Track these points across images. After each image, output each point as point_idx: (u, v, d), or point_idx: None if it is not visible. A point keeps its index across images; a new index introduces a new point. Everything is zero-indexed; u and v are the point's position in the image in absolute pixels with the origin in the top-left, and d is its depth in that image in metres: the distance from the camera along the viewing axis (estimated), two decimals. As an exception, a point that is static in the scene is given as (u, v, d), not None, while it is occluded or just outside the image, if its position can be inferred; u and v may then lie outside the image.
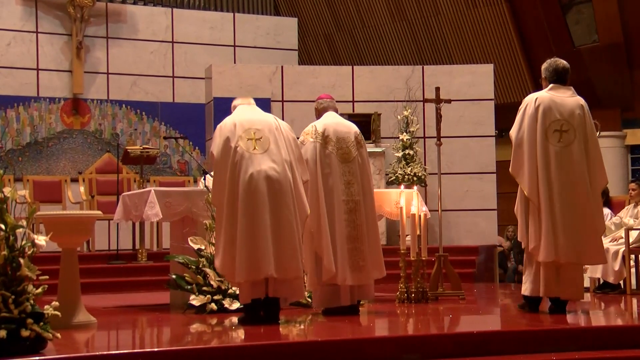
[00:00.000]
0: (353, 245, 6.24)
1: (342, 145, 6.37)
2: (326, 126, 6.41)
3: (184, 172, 13.62)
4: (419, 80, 12.16)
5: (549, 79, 6.21)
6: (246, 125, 5.80)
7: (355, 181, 6.33)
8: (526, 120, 6.07)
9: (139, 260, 9.88)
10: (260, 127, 5.80)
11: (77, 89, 13.10)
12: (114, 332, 5.82)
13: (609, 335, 5.26)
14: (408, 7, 14.83)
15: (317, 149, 6.29)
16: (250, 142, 5.71)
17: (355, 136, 6.47)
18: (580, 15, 13.71)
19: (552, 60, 6.25)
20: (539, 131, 6.00)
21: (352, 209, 6.29)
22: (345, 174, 6.32)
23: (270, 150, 5.71)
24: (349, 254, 6.23)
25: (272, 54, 14.50)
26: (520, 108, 6.20)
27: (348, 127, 6.51)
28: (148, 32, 13.84)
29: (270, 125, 5.86)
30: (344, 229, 6.24)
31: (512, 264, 13.16)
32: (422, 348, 4.83)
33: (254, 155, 5.67)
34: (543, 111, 6.03)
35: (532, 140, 5.99)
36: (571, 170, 5.96)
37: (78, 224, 5.66)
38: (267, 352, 4.60)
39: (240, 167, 5.62)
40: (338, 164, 6.33)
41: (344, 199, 6.28)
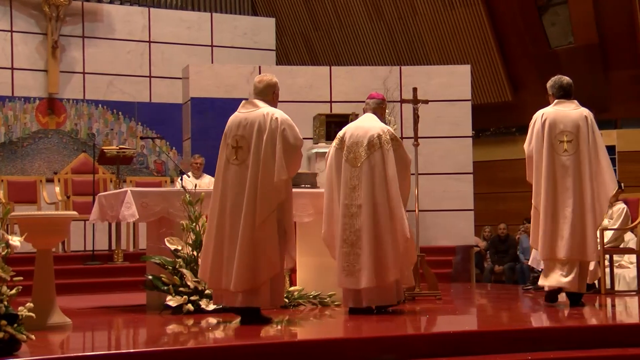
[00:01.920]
0: (349, 250, 6.25)
1: (352, 149, 6.41)
2: (347, 130, 6.54)
3: (160, 172, 13.56)
4: (396, 81, 12.18)
5: (556, 95, 6.85)
6: (234, 131, 5.82)
7: (360, 186, 6.30)
8: (535, 134, 6.71)
9: (115, 261, 9.83)
10: (243, 134, 5.76)
11: (52, 89, 13.00)
12: (90, 333, 5.77)
13: (584, 334, 5.30)
14: (385, 7, 14.86)
15: (332, 154, 6.51)
16: (232, 150, 5.75)
17: (370, 139, 6.37)
18: (556, 16, 13.81)
19: (557, 78, 6.94)
20: (546, 143, 6.64)
21: (354, 214, 6.28)
22: (353, 179, 6.35)
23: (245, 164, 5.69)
24: (343, 258, 6.26)
25: (249, 54, 14.48)
26: (530, 124, 6.81)
27: (366, 130, 6.45)
28: (125, 31, 13.76)
29: (254, 128, 5.74)
30: (344, 232, 6.27)
31: (488, 264, 13.22)
32: (399, 348, 4.84)
33: (232, 165, 5.73)
34: (549, 124, 6.68)
35: (539, 152, 6.65)
36: (576, 177, 6.57)
37: (53, 225, 5.61)
38: (243, 353, 4.59)
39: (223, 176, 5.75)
40: (348, 167, 6.40)
41: (346, 203, 6.32)
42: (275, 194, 5.66)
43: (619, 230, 8.28)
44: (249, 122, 5.77)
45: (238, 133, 5.79)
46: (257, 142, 5.70)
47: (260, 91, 5.94)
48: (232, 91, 12.37)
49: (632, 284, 8.65)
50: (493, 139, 14.77)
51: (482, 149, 14.13)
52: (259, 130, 5.71)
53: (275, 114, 5.76)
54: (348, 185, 6.34)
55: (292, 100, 12.48)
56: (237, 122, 5.84)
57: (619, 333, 5.36)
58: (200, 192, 6.72)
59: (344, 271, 6.25)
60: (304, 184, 7.56)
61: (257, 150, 5.68)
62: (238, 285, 5.59)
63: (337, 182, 6.42)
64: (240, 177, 5.69)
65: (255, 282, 5.60)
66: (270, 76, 6.03)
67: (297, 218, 7.01)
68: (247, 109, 5.88)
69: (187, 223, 6.60)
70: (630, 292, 8.32)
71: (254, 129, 5.73)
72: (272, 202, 5.65)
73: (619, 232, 8.33)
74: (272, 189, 5.64)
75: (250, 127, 5.74)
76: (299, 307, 6.75)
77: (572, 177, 6.59)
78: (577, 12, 13.33)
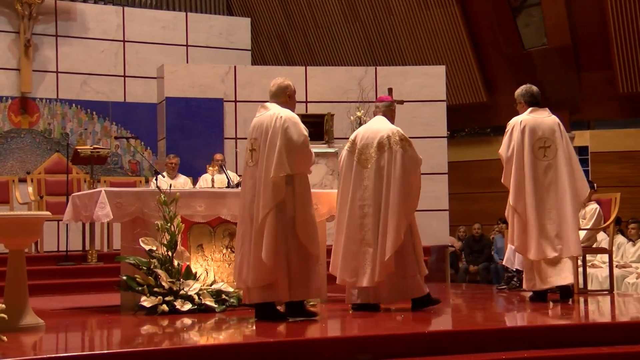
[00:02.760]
0: (364, 249, 6.41)
1: (363, 151, 6.57)
2: (358, 132, 6.71)
3: (135, 172, 13.48)
4: (372, 81, 12.21)
5: (528, 102, 7.09)
6: (250, 134, 6.02)
7: (371, 186, 6.46)
8: (514, 140, 6.95)
9: (89, 262, 9.75)
10: (256, 136, 5.93)
11: (25, 88, 12.88)
12: (63, 334, 5.72)
13: (557, 334, 5.34)
14: (361, 7, 14.88)
15: (344, 157, 6.67)
16: (249, 153, 5.97)
17: (380, 141, 6.52)
18: (530, 18, 13.91)
19: (527, 87, 7.16)
20: (527, 148, 6.91)
21: (365, 214, 6.46)
22: (364, 180, 6.51)
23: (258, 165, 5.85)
24: (361, 257, 6.41)
25: (225, 54, 14.44)
26: (507, 130, 7.04)
27: (376, 132, 6.60)
28: (98, 30, 13.67)
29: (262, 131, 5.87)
30: (357, 232, 6.44)
31: (463, 264, 13.30)
32: (375, 348, 4.84)
33: (249, 167, 5.94)
34: (529, 131, 6.94)
35: (520, 157, 6.92)
36: (555, 180, 6.90)
37: (26, 225, 5.56)
38: (217, 354, 4.57)
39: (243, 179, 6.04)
40: (359, 169, 6.55)
41: (360, 204, 6.48)
42: (274, 190, 5.71)
43: (591, 230, 8.34)
44: (259, 125, 5.94)
45: (252, 136, 5.97)
46: (263, 144, 5.85)
47: (274, 94, 6.08)
48: (207, 91, 12.34)
49: (605, 284, 8.73)
50: (468, 140, 14.86)
51: (457, 149, 14.21)
52: (266, 131, 5.84)
53: (280, 114, 5.86)
54: (361, 186, 6.52)
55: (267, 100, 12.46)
56: (252, 125, 6.03)
57: (592, 332, 5.40)
58: (175, 192, 6.69)
59: (354, 269, 6.41)
60: (280, 184, 7.54)
61: (264, 151, 5.83)
62: (252, 281, 5.76)
63: (347, 184, 6.58)
64: (254, 178, 5.88)
65: (270, 276, 5.72)
66: (282, 79, 6.15)
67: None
68: (260, 113, 6.03)
69: (162, 223, 6.56)
70: (602, 292, 8.39)
71: (262, 130, 5.88)
72: (270, 198, 5.70)
73: (592, 232, 8.40)
74: (270, 185, 5.71)
75: (260, 129, 5.90)
76: (275, 307, 6.74)
77: (552, 180, 6.92)
78: (550, 13, 13.44)
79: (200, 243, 7.04)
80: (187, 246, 6.90)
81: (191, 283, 6.53)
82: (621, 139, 14.02)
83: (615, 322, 6.02)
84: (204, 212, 6.89)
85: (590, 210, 8.49)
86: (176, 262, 6.56)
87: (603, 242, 9.06)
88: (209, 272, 6.96)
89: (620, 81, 13.41)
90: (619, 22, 13.01)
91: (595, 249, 8.62)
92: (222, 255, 7.08)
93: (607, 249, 8.38)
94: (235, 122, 12.39)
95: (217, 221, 7.04)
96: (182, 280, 6.53)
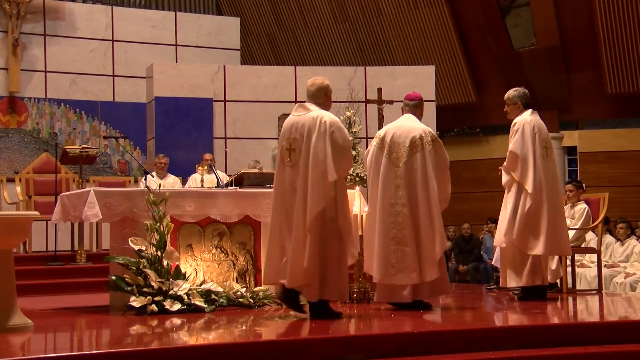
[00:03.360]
0: (397, 247, 6.44)
1: (394, 150, 6.57)
2: (388, 130, 6.69)
3: (124, 172, 13.45)
4: (361, 81, 12.23)
5: (525, 104, 7.30)
6: (287, 133, 6.02)
7: (403, 185, 6.48)
8: (528, 138, 7.11)
9: (78, 262, 9.72)
10: (296, 136, 5.96)
11: (13, 87, 12.83)
12: (52, 334, 5.71)
13: (546, 333, 5.35)
14: (350, 7, 14.89)
15: (373, 154, 6.63)
16: (286, 152, 5.98)
17: (412, 140, 6.55)
18: (519, 18, 13.95)
19: (522, 89, 7.36)
20: (538, 147, 7.13)
21: (399, 212, 6.48)
22: (396, 178, 6.51)
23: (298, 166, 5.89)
24: (392, 255, 6.45)
25: (214, 54, 14.43)
26: (517, 129, 7.17)
27: (407, 131, 6.62)
28: (87, 30, 13.63)
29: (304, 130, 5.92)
30: (390, 230, 6.45)
31: (452, 264, 13.31)
32: (365, 348, 4.85)
33: (286, 167, 5.97)
34: (538, 130, 7.17)
35: (534, 154, 7.11)
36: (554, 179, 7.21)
37: (14, 225, 5.53)
38: (207, 354, 4.57)
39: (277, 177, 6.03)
40: (390, 167, 6.55)
41: (391, 202, 6.49)
42: (323, 194, 5.80)
43: (580, 230, 8.38)
44: (300, 125, 5.96)
45: (291, 136, 5.99)
46: (307, 145, 5.88)
47: (313, 94, 6.11)
48: (197, 90, 12.33)
49: (593, 283, 8.76)
50: (457, 140, 14.88)
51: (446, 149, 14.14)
52: (309, 133, 5.88)
53: (324, 117, 5.92)
54: (392, 184, 6.53)
55: (257, 100, 12.48)
56: (290, 124, 6.03)
57: (580, 332, 5.42)
58: (164, 192, 6.68)
59: (392, 267, 6.44)
60: (269, 184, 7.55)
61: (307, 152, 5.86)
62: (292, 281, 5.82)
63: (376, 180, 6.58)
64: (293, 178, 5.91)
65: (306, 278, 5.79)
66: (322, 79, 6.22)
67: (262, 218, 7.02)
68: (299, 113, 6.05)
69: (151, 223, 6.55)
70: (591, 291, 8.42)
71: (304, 131, 5.91)
72: (320, 202, 5.79)
73: (581, 232, 8.43)
74: (320, 189, 5.79)
75: (301, 130, 5.93)
76: (264, 307, 6.74)
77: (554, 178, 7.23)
78: (539, 14, 13.48)
79: (190, 243, 7.03)
80: (176, 246, 6.88)
81: (180, 283, 6.52)
82: (610, 139, 14.08)
83: (603, 322, 6.04)
84: (193, 212, 6.87)
85: (578, 210, 8.52)
86: (165, 262, 6.54)
87: (592, 241, 9.10)
88: (198, 272, 6.96)
89: (609, 81, 13.46)
90: (607, 22, 13.07)
91: (583, 248, 8.65)
92: (212, 255, 7.08)
93: (596, 249, 8.42)
94: (224, 121, 12.38)
95: (207, 221, 7.03)
96: (171, 280, 6.52)
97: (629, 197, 13.41)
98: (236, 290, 6.81)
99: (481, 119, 14.47)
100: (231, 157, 12.07)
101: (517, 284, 7.17)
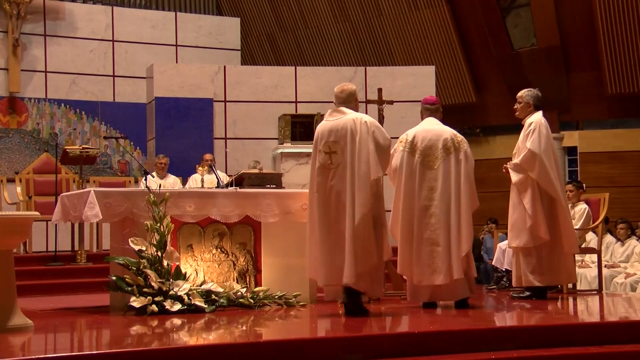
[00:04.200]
0: (431, 248, 6.58)
1: (427, 153, 6.71)
2: (416, 134, 6.80)
3: (124, 172, 13.45)
4: (361, 82, 12.22)
5: (536, 105, 7.44)
6: (325, 138, 6.24)
7: (438, 187, 6.63)
8: (545, 138, 7.27)
9: (78, 262, 9.72)
10: (336, 139, 6.20)
11: (13, 88, 12.84)
12: (52, 335, 5.71)
13: (546, 333, 5.35)
14: (351, 8, 14.89)
15: (404, 158, 6.72)
16: (326, 156, 6.21)
17: (445, 143, 6.73)
18: (519, 18, 13.95)
19: (535, 90, 7.50)
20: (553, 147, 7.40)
21: (432, 214, 6.62)
22: (430, 180, 6.68)
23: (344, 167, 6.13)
24: (427, 256, 6.58)
25: (214, 54, 14.44)
26: (533, 128, 7.27)
27: (438, 134, 6.77)
28: (87, 30, 13.63)
29: (346, 133, 6.16)
30: (425, 232, 6.60)
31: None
32: (364, 348, 4.85)
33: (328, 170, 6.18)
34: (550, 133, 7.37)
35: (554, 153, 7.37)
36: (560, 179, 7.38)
37: (15, 225, 5.53)
38: (206, 354, 4.57)
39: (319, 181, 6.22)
40: (423, 170, 6.70)
41: (425, 204, 6.64)
42: (370, 192, 6.11)
43: (580, 230, 8.38)
44: (340, 128, 6.21)
45: (330, 139, 6.23)
46: (351, 146, 6.15)
47: (344, 100, 6.38)
48: (197, 91, 12.33)
49: (594, 284, 8.75)
50: (457, 140, 14.84)
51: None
52: (352, 134, 6.16)
53: (363, 118, 6.24)
54: (426, 187, 6.65)
55: (257, 100, 12.48)
56: (328, 129, 6.27)
57: (580, 332, 5.42)
58: (164, 192, 6.68)
59: (428, 268, 6.57)
60: (269, 184, 7.55)
61: (352, 153, 6.13)
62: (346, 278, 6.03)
63: (411, 184, 6.66)
64: (340, 179, 6.14)
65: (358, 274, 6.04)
66: (350, 85, 6.51)
67: (262, 218, 7.02)
68: (335, 117, 6.30)
69: (151, 223, 6.55)
70: (591, 292, 8.42)
71: (346, 133, 6.17)
72: (368, 199, 6.09)
73: (581, 232, 8.42)
74: (368, 187, 6.09)
75: (342, 132, 6.19)
76: (265, 307, 6.74)
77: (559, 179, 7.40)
78: (539, 14, 13.48)
79: (190, 243, 7.03)
80: (176, 246, 6.88)
81: (181, 283, 6.52)
82: (610, 140, 14.08)
83: (603, 322, 6.05)
84: (193, 212, 6.87)
85: (579, 210, 8.53)
86: (166, 262, 6.54)
87: (592, 242, 9.09)
88: (198, 272, 6.96)
89: (609, 82, 13.46)
90: (607, 22, 13.07)
91: (584, 248, 8.65)
92: (212, 256, 7.08)
93: (596, 249, 8.42)
94: (224, 122, 12.38)
95: (207, 221, 7.03)
96: (171, 280, 6.52)
97: (629, 197, 13.41)
98: (236, 290, 6.81)
99: (481, 119, 14.47)
100: (231, 158, 12.07)
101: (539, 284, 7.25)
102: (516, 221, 7.25)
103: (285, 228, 7.16)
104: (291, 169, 11.59)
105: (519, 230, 7.22)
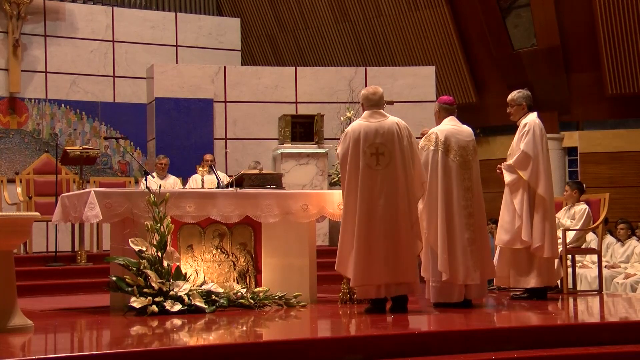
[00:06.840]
0: (473, 247, 6.66)
1: (462, 153, 6.77)
2: (448, 134, 6.80)
3: (124, 172, 13.45)
4: (361, 82, 12.22)
5: (529, 105, 7.42)
6: (371, 139, 6.33)
7: (472, 186, 6.74)
8: (538, 139, 7.27)
9: (78, 262, 9.72)
10: (383, 141, 6.33)
11: (14, 88, 12.84)
12: (52, 335, 5.71)
13: (546, 334, 5.35)
14: (351, 8, 14.90)
15: (438, 158, 6.71)
16: (373, 157, 6.30)
17: (474, 144, 6.90)
18: (519, 19, 13.95)
19: (524, 91, 7.49)
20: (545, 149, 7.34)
21: (471, 213, 6.71)
22: (465, 180, 6.73)
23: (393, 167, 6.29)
24: (471, 256, 6.63)
25: (214, 54, 14.44)
26: (528, 130, 7.28)
27: (467, 134, 6.89)
28: (87, 30, 13.64)
29: (393, 135, 6.34)
30: (466, 232, 6.64)
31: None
32: (365, 349, 4.85)
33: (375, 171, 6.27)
34: (544, 134, 7.38)
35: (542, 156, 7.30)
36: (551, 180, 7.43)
37: (15, 226, 5.54)
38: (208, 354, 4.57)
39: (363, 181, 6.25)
40: (459, 170, 6.73)
41: (464, 204, 6.68)
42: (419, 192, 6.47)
43: (580, 230, 8.37)
44: (385, 130, 6.36)
45: (376, 141, 6.33)
46: (400, 147, 6.34)
47: (377, 102, 6.51)
48: (197, 91, 12.33)
49: (594, 284, 8.76)
50: (457, 140, 14.85)
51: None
52: (399, 137, 6.36)
53: (400, 122, 6.49)
54: (462, 187, 6.70)
55: (257, 100, 12.47)
56: (373, 130, 6.37)
57: (581, 332, 5.43)
58: (164, 193, 6.68)
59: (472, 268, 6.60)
60: (269, 184, 7.55)
61: (402, 155, 6.34)
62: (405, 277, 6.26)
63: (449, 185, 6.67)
64: (390, 180, 6.28)
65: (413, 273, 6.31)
66: (376, 88, 6.62)
67: (262, 219, 7.01)
68: (377, 119, 6.42)
69: (151, 224, 6.55)
70: (591, 292, 8.42)
71: (393, 136, 6.35)
72: (418, 199, 6.46)
73: (581, 233, 8.42)
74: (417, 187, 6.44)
75: (388, 134, 6.35)
76: (265, 308, 6.74)
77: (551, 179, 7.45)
78: (539, 15, 13.48)
79: (190, 244, 7.03)
80: (176, 247, 6.88)
81: (181, 284, 6.52)
82: (610, 140, 14.08)
83: (604, 322, 6.05)
84: (193, 213, 6.87)
85: (579, 210, 8.52)
86: (166, 263, 6.55)
87: (592, 242, 9.09)
88: (198, 273, 6.96)
89: (609, 82, 13.46)
90: (607, 23, 13.07)
91: (584, 249, 8.65)
92: (212, 256, 7.08)
93: (596, 250, 8.42)
94: (225, 122, 12.38)
95: (207, 222, 7.03)
96: (171, 280, 6.52)
97: (629, 197, 13.41)
98: (237, 291, 6.81)
99: (481, 120, 14.46)
100: (231, 158, 12.07)
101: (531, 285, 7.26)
102: (506, 221, 7.29)
103: (286, 228, 7.16)
104: (291, 169, 11.59)
105: (507, 231, 7.26)
